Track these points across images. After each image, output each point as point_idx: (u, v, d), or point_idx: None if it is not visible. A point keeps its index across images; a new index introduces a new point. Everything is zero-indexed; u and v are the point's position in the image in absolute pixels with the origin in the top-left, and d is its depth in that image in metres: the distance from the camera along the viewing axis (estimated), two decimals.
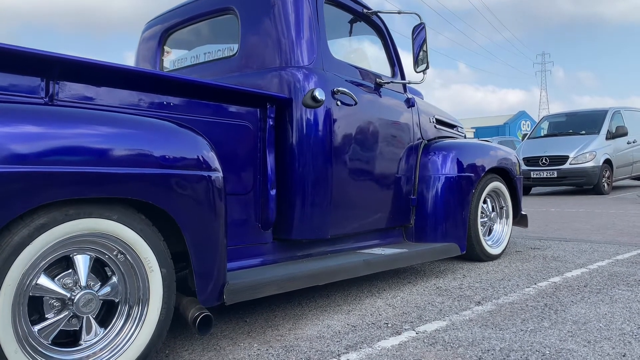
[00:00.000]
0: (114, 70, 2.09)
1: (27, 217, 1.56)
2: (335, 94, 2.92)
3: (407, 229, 3.72)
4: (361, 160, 3.16)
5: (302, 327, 2.50)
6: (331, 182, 2.92)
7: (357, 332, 2.41)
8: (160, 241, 1.89)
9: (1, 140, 1.50)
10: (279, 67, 2.89)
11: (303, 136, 2.79)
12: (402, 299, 2.99)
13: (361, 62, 3.36)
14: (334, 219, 2.98)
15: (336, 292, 3.19)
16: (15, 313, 1.58)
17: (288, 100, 2.77)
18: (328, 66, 2.98)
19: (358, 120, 3.11)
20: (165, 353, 2.19)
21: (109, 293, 1.82)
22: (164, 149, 1.91)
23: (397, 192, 3.51)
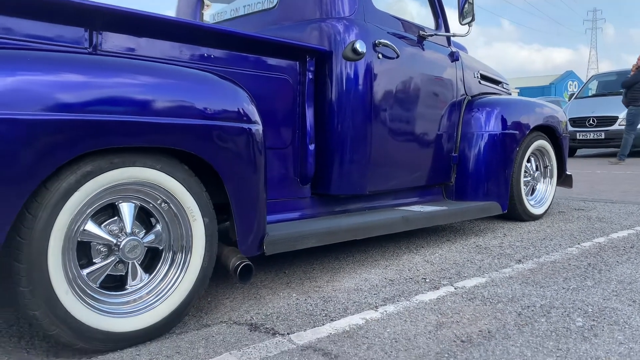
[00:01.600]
0: (156, 20, 2.09)
1: (75, 165, 1.60)
2: (376, 46, 2.85)
3: (447, 187, 3.67)
4: (401, 115, 3.10)
5: (339, 280, 2.53)
6: (370, 137, 2.89)
7: (394, 286, 2.42)
8: (203, 191, 1.92)
9: (48, 88, 1.53)
10: (319, 18, 2.83)
11: (343, 90, 2.75)
12: (441, 256, 2.98)
13: (404, 13, 3.25)
14: (373, 175, 2.96)
15: (373, 247, 3.20)
16: (65, 257, 1.64)
17: (328, 52, 2.72)
18: (370, 17, 2.90)
19: (399, 74, 3.04)
20: (208, 300, 2.25)
21: (153, 240, 1.88)
22: (206, 100, 1.91)
23: (438, 150, 3.45)
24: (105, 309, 1.74)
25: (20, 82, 1.49)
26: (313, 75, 2.71)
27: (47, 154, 1.50)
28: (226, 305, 2.19)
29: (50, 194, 1.55)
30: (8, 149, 1.43)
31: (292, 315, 2.06)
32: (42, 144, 1.48)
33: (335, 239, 2.53)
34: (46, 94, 1.51)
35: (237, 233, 2.04)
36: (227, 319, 2.03)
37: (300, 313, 2.08)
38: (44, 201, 1.54)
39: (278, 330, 1.91)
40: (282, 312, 2.09)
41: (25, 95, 1.48)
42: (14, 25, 1.77)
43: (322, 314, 2.06)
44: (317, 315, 2.05)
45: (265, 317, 2.05)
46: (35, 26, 1.81)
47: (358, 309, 2.12)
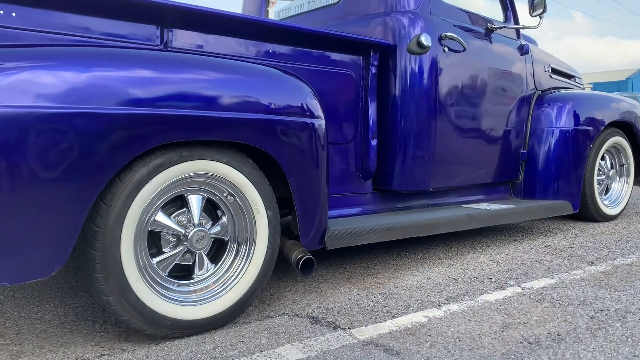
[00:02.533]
0: (223, 18, 2.14)
1: (146, 157, 1.67)
2: (442, 39, 2.79)
3: (515, 185, 3.54)
4: (467, 111, 3.02)
5: (401, 277, 2.50)
6: (435, 133, 2.83)
7: (458, 284, 2.37)
8: (267, 185, 1.95)
9: (123, 84, 1.60)
10: (384, 12, 2.80)
11: (407, 84, 2.72)
12: (507, 256, 2.88)
13: (471, 6, 3.16)
14: (437, 172, 2.91)
15: (437, 245, 3.14)
16: (137, 246, 1.71)
17: (392, 47, 2.70)
18: (436, 10, 2.84)
19: (466, 68, 2.96)
20: (270, 292, 2.29)
21: (219, 232, 1.93)
22: (270, 95, 1.94)
23: (506, 146, 3.34)
24: (173, 297, 1.80)
25: (97, 78, 1.57)
26: (376, 69, 2.69)
27: (121, 146, 1.56)
28: (288, 298, 2.22)
29: (124, 185, 1.62)
30: (86, 141, 1.51)
31: (353, 310, 2.05)
32: (117, 137, 1.55)
33: (396, 235, 2.50)
34: (121, 90, 1.58)
35: (299, 227, 2.06)
36: (289, 311, 2.06)
37: (361, 308, 2.08)
38: (118, 192, 1.61)
39: (339, 324, 1.92)
40: (343, 307, 2.10)
41: (101, 91, 1.55)
42: (91, 24, 1.86)
43: (383, 310, 2.05)
44: (379, 312, 2.04)
45: (326, 310, 2.06)
46: (111, 24, 1.90)
47: (420, 307, 2.08)
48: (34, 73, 1.49)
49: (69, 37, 1.81)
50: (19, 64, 1.50)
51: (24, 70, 1.48)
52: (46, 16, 1.77)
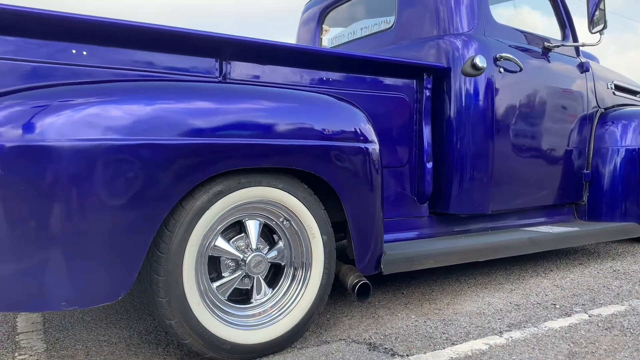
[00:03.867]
0: (279, 48, 2.21)
1: (207, 185, 1.73)
2: (497, 60, 2.76)
3: (579, 207, 3.41)
4: (526, 131, 2.96)
5: (460, 303, 2.45)
6: (492, 154, 2.78)
7: (520, 311, 2.29)
8: (321, 210, 1.97)
9: (185, 116, 1.68)
10: (437, 35, 2.81)
11: (462, 106, 2.69)
12: (572, 281, 2.77)
13: (527, 25, 3.12)
14: (496, 194, 2.84)
15: (497, 270, 3.05)
16: (198, 270, 1.77)
17: (446, 69, 2.69)
18: (490, 31, 2.82)
19: (523, 88, 2.91)
20: (327, 317, 2.29)
21: (276, 256, 1.96)
22: (324, 121, 1.97)
23: (568, 167, 3.23)
24: (232, 321, 1.84)
25: (161, 110, 1.65)
26: (430, 92, 2.68)
27: (183, 175, 1.63)
28: (345, 323, 2.21)
29: (186, 211, 1.69)
30: (151, 171, 1.58)
31: (412, 337, 2.02)
32: (179, 166, 1.62)
33: (455, 260, 2.45)
34: (183, 121, 1.65)
35: (355, 251, 2.06)
36: (345, 337, 2.05)
37: (420, 335, 2.04)
38: (180, 218, 1.68)
39: (397, 351, 1.89)
40: (400, 333, 2.07)
41: (164, 122, 1.63)
42: (155, 59, 1.97)
43: (442, 337, 2.01)
44: (437, 338, 2.00)
45: (383, 337, 2.04)
46: (173, 59, 2.00)
47: (481, 334, 2.03)
48: (102, 107, 1.58)
49: (135, 72, 1.91)
50: (88, 99, 1.60)
51: (92, 105, 1.58)
52: (114, 53, 1.89)
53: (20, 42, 1.72)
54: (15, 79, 1.71)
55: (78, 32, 1.79)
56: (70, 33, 1.78)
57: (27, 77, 1.73)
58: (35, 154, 1.48)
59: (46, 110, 1.52)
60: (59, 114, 1.52)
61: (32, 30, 1.72)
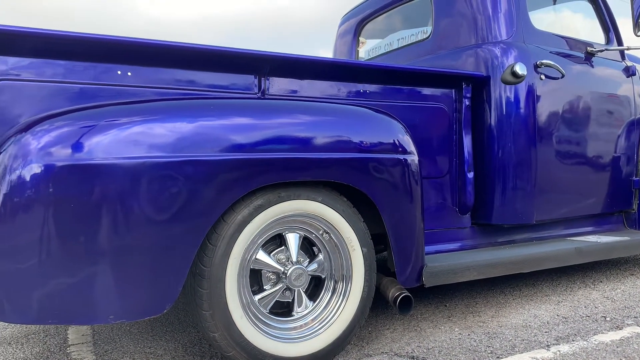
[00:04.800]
0: (315, 63, 2.23)
1: (247, 199, 1.76)
2: (538, 67, 2.71)
3: (629, 215, 3.28)
4: (570, 138, 2.88)
5: (505, 315, 2.39)
6: (535, 163, 2.72)
7: (568, 324, 2.22)
8: (361, 222, 1.98)
9: (225, 132, 1.71)
10: (475, 44, 2.78)
11: (502, 115, 2.65)
12: (623, 292, 2.67)
13: (569, 30, 3.05)
14: (540, 203, 2.77)
15: (543, 281, 2.97)
16: (240, 283, 1.79)
17: (485, 78, 2.65)
18: (529, 38, 2.77)
19: (566, 95, 2.84)
20: (368, 330, 2.28)
21: (316, 269, 1.97)
22: (362, 134, 1.98)
23: (615, 174, 3.12)
24: (274, 334, 1.85)
25: (202, 127, 1.69)
26: (470, 101, 2.65)
27: (225, 189, 1.67)
28: (387, 336, 2.20)
29: (228, 225, 1.72)
30: (194, 186, 1.63)
31: (455, 351, 1.99)
32: (221, 181, 1.66)
33: (499, 271, 2.40)
34: (224, 137, 1.69)
35: (395, 263, 2.05)
36: (388, 350, 2.03)
37: (464, 349, 2.01)
38: (223, 232, 1.71)
39: None
40: (444, 347, 2.04)
41: (206, 139, 1.67)
42: (196, 78, 2.02)
43: (487, 351, 1.97)
44: (482, 352, 1.96)
45: (426, 350, 2.01)
46: (213, 77, 2.05)
47: (527, 347, 1.98)
48: (147, 126, 1.64)
49: (177, 91, 1.97)
50: (133, 118, 1.66)
51: (137, 124, 1.64)
52: (157, 73, 1.95)
53: (69, 65, 1.81)
54: (64, 101, 1.79)
55: (123, 53, 1.86)
56: (116, 55, 1.85)
57: (75, 99, 1.81)
58: (84, 172, 1.54)
59: (93, 130, 1.59)
60: (106, 134, 1.58)
61: (80, 53, 1.80)
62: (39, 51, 1.75)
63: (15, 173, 1.51)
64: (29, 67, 1.75)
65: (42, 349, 2.19)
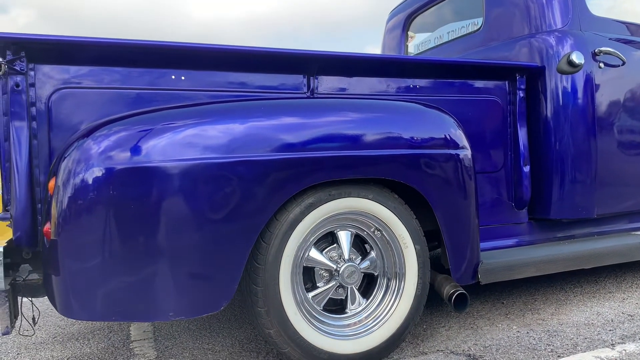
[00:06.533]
0: (364, 60, 2.23)
1: (299, 197, 1.78)
2: (596, 55, 2.59)
3: None
4: (632, 128, 2.74)
5: (566, 313, 2.31)
6: (595, 155, 2.61)
7: (635, 321, 2.13)
8: (413, 219, 1.96)
9: (276, 132, 1.74)
10: (528, 34, 2.69)
11: (559, 106, 2.56)
12: None
13: (630, 15, 2.91)
14: (601, 197, 2.66)
15: (606, 277, 2.85)
16: (294, 281, 1.82)
17: (540, 68, 2.57)
18: (586, 25, 2.66)
19: (627, 82, 2.71)
20: (423, 328, 2.26)
21: (368, 266, 1.97)
22: (412, 130, 1.96)
23: None
24: (328, 331, 1.87)
25: (254, 128, 1.72)
26: (524, 93, 2.57)
27: (277, 188, 1.69)
28: (442, 334, 2.17)
29: (280, 224, 1.74)
30: (247, 186, 1.66)
31: (514, 349, 1.94)
32: (274, 180, 1.69)
33: (558, 267, 2.33)
34: (275, 137, 1.72)
35: (450, 260, 2.02)
36: (444, 348, 2.01)
37: (522, 347, 1.96)
38: (275, 230, 1.74)
39: None
40: (501, 345, 1.99)
41: (258, 139, 1.70)
42: (246, 80, 2.06)
43: (547, 349, 1.91)
44: (542, 350, 1.90)
45: (483, 348, 1.97)
46: (264, 78, 2.08)
47: (590, 346, 1.91)
48: (201, 128, 1.68)
49: (229, 93, 2.01)
50: (186, 121, 1.71)
51: (191, 126, 1.69)
52: (209, 76, 2.00)
53: (125, 72, 1.88)
54: (122, 106, 1.86)
55: (176, 58, 1.92)
56: (169, 60, 1.91)
57: (133, 104, 1.88)
58: (142, 175, 1.60)
59: (150, 133, 1.64)
60: (162, 137, 1.64)
61: (135, 59, 1.87)
62: (97, 59, 1.83)
63: (78, 177, 1.59)
64: (88, 75, 1.84)
65: (107, 345, 2.29)
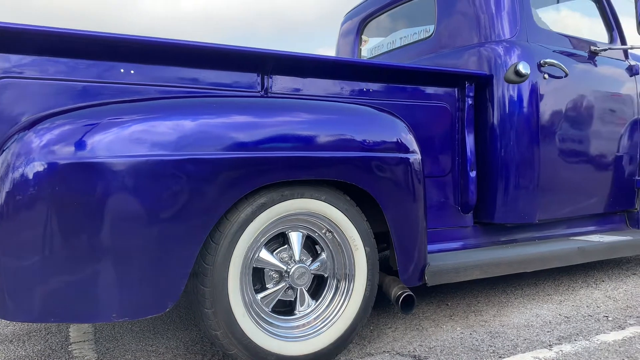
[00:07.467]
0: (319, 61, 2.23)
1: (251, 197, 1.75)
2: (541, 66, 2.70)
3: (631, 215, 3.28)
4: (573, 137, 2.87)
5: (507, 315, 2.39)
6: (538, 162, 2.72)
7: (571, 323, 2.22)
8: (364, 221, 1.97)
9: (228, 130, 1.71)
10: (478, 43, 2.77)
11: (505, 114, 2.64)
12: (626, 292, 2.66)
13: (572, 29, 3.04)
14: (542, 203, 2.77)
15: (545, 280, 2.97)
16: (243, 282, 1.79)
17: (488, 77, 2.65)
18: (533, 37, 2.76)
19: (569, 94, 2.83)
20: (370, 329, 2.28)
21: (319, 268, 1.97)
22: (365, 133, 1.97)
23: (618, 173, 3.11)
24: (277, 333, 1.85)
25: (205, 125, 1.69)
26: (473, 100, 2.65)
27: (228, 188, 1.66)
28: (389, 335, 2.19)
29: (230, 224, 1.72)
30: (196, 185, 1.62)
31: (457, 350, 1.99)
32: (224, 179, 1.66)
33: (501, 270, 2.40)
34: (226, 135, 1.69)
35: (398, 262, 2.04)
36: (390, 349, 2.03)
37: (466, 348, 2.01)
38: (225, 230, 1.71)
39: None
40: (446, 346, 2.04)
41: (209, 137, 1.67)
42: (199, 76, 2.02)
43: (489, 350, 1.97)
44: (484, 352, 1.96)
45: (428, 349, 2.01)
46: (217, 75, 2.04)
47: (529, 347, 1.97)
48: (149, 124, 1.63)
49: (180, 89, 1.97)
50: (136, 116, 1.65)
51: (140, 122, 1.63)
52: (160, 71, 1.95)
53: (71, 63, 1.80)
54: (66, 99, 1.79)
55: (126, 51, 1.86)
56: (119, 53, 1.85)
57: (78, 97, 1.81)
58: (86, 171, 1.54)
59: (96, 128, 1.58)
60: (108, 132, 1.58)
61: (83, 51, 1.79)
62: (41, 49, 1.74)
63: (17, 171, 1.51)
64: (31, 65, 1.75)
65: (44, 347, 2.19)
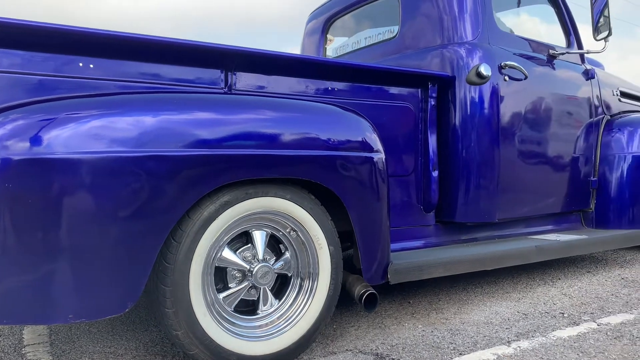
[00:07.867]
0: (283, 59, 2.21)
1: (214, 195, 1.73)
2: (502, 68, 2.76)
3: (586, 214, 3.39)
4: (532, 139, 2.95)
5: (467, 312, 2.43)
6: (498, 162, 2.77)
7: (528, 320, 2.28)
8: (328, 220, 1.97)
9: (190, 127, 1.68)
10: (441, 45, 2.81)
11: (467, 115, 2.69)
12: (580, 289, 2.75)
13: (532, 33, 3.12)
14: (502, 202, 2.83)
15: (504, 278, 3.04)
16: (205, 281, 1.76)
17: (450, 78, 2.69)
18: (494, 40, 2.82)
19: (528, 96, 2.91)
20: (333, 327, 2.28)
21: (282, 267, 1.96)
22: (330, 131, 1.98)
23: (574, 174, 3.22)
24: (239, 332, 1.83)
25: (167, 122, 1.65)
26: (435, 101, 2.68)
27: (190, 186, 1.64)
28: (351, 334, 2.20)
29: (193, 222, 1.69)
30: (157, 182, 1.59)
31: (419, 347, 2.01)
32: (186, 177, 1.63)
33: (462, 269, 2.44)
34: (189, 132, 1.66)
35: (362, 261, 2.05)
36: (352, 347, 2.04)
37: (427, 345, 2.03)
38: (187, 229, 1.68)
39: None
40: (407, 343, 2.06)
41: (170, 134, 1.63)
42: (161, 71, 1.97)
43: (449, 347, 2.00)
44: (445, 349, 1.99)
45: (390, 347, 2.03)
46: (179, 71, 2.00)
47: (489, 344, 2.02)
48: (109, 120, 1.59)
49: (141, 84, 1.92)
50: (95, 112, 1.61)
51: (99, 117, 1.59)
52: (120, 66, 1.89)
53: (27, 56, 1.74)
54: (22, 92, 1.72)
55: (85, 45, 1.80)
56: (77, 46, 1.79)
57: (34, 90, 1.74)
58: (42, 167, 1.49)
59: (52, 123, 1.53)
60: (66, 127, 1.53)
61: (39, 43, 1.73)
62: None
63: None
64: None
65: None
